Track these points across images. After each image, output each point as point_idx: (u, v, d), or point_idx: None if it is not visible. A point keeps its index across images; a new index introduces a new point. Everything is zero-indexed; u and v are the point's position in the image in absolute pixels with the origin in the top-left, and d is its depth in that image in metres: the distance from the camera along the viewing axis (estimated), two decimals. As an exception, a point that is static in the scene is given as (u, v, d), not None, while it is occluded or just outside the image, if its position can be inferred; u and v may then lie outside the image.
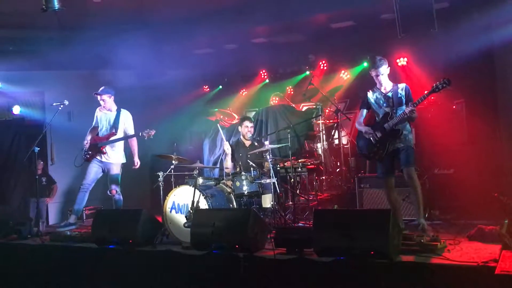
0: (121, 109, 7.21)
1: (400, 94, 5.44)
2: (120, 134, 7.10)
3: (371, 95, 5.65)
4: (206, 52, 9.60)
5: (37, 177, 7.34)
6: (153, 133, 6.87)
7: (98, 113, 7.29)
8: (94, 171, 7.07)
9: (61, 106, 7.04)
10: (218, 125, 7.60)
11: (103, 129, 7.18)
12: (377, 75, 5.48)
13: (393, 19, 6.34)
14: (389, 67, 5.51)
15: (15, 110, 8.73)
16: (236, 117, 9.72)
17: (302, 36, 9.00)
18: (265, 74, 9.99)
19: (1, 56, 8.27)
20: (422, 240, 4.64)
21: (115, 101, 7.26)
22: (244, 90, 10.21)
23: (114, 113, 7.16)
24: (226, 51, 9.51)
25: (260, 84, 10.09)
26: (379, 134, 5.47)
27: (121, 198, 7.06)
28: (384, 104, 5.52)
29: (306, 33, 8.89)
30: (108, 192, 7.08)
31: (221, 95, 10.38)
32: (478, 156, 6.88)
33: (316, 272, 4.49)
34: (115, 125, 7.07)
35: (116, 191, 7.03)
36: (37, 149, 6.94)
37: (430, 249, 4.47)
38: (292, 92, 9.68)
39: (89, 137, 7.18)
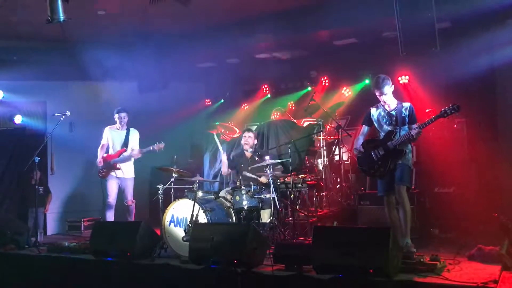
0: (130, 128, 7.55)
1: (404, 113, 5.39)
2: (129, 151, 7.40)
3: (374, 112, 5.60)
4: (209, 66, 9.66)
5: (37, 187, 7.35)
6: (162, 146, 7.17)
7: (109, 131, 7.55)
8: (114, 187, 7.37)
9: (63, 116, 7.06)
10: (215, 135, 7.63)
11: (115, 147, 7.48)
12: (380, 95, 5.43)
13: (395, 37, 6.38)
14: (392, 86, 5.46)
15: (16, 120, 8.75)
16: (237, 131, 9.73)
17: (305, 52, 9.06)
18: (267, 89, 10.02)
19: (4, 66, 8.32)
20: (421, 259, 4.62)
21: None
22: (245, 104, 10.23)
23: (124, 132, 7.51)
24: (229, 65, 9.56)
25: (262, 98, 10.11)
26: (381, 152, 5.41)
27: (134, 207, 7.44)
28: (387, 122, 5.47)
29: (308, 49, 8.95)
30: (125, 203, 7.39)
31: (222, 109, 10.40)
32: (478, 175, 6.88)
33: (315, 289, 4.46)
34: (125, 143, 7.42)
35: (132, 201, 7.39)
36: (37, 159, 6.95)
37: (429, 269, 4.44)
38: (293, 108, 9.70)
39: (100, 155, 7.44)
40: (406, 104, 5.47)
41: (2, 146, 9.11)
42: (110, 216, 7.32)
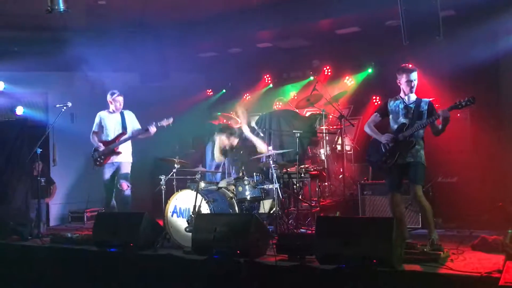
0: (124, 111, 7.22)
1: (423, 108, 5.20)
2: (129, 133, 7.11)
3: (392, 103, 5.40)
4: (211, 56, 9.61)
5: (39, 178, 7.35)
6: (171, 121, 6.85)
7: (104, 115, 7.19)
8: (111, 176, 7.06)
9: (64, 107, 7.04)
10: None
11: (112, 131, 7.11)
12: (410, 81, 5.22)
13: (398, 26, 6.32)
14: (417, 74, 5.31)
15: (18, 111, 8.73)
16: (239, 121, 9.69)
17: (307, 41, 9.00)
18: (269, 78, 9.97)
19: (5, 57, 8.28)
20: (425, 249, 4.62)
21: None
22: (247, 94, 10.20)
23: (119, 115, 7.17)
24: (231, 55, 9.52)
25: (264, 88, 10.08)
26: (390, 144, 5.26)
27: (130, 194, 7.00)
28: (403, 115, 5.29)
29: (311, 39, 8.89)
30: (118, 186, 6.99)
31: (224, 99, 10.37)
32: (482, 164, 6.85)
33: (318, 280, 4.45)
34: (124, 126, 7.10)
35: (127, 185, 6.97)
36: (39, 150, 6.95)
37: (433, 259, 4.44)
38: (296, 97, 9.66)
39: (98, 142, 7.09)
40: (426, 100, 5.29)
41: (4, 138, 9.09)
42: (111, 207, 7.10)
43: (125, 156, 7.09)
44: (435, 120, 5.04)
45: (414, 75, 5.26)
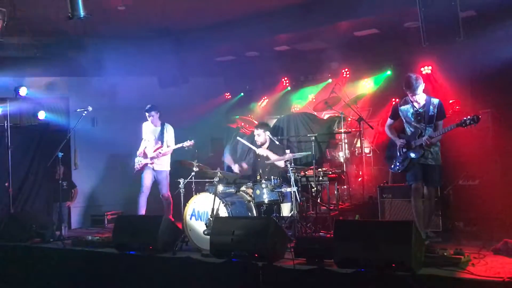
0: (165, 124, 7.70)
1: (432, 112, 5.40)
2: (165, 146, 7.54)
3: (402, 108, 5.64)
4: (228, 60, 9.64)
5: (61, 181, 7.47)
6: (192, 143, 7.21)
7: (145, 127, 7.76)
8: (148, 177, 7.58)
9: (85, 112, 7.17)
10: (238, 134, 7.66)
11: (151, 142, 7.63)
12: (413, 95, 5.46)
13: (417, 27, 6.26)
14: (424, 84, 5.45)
15: (40, 116, 8.89)
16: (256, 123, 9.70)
17: (325, 43, 8.96)
18: (287, 81, 9.95)
19: (27, 62, 8.42)
20: (445, 253, 4.55)
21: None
22: (265, 97, 10.20)
23: (159, 128, 7.65)
24: (248, 59, 9.53)
25: (282, 91, 10.06)
26: (404, 149, 5.61)
27: (169, 197, 7.58)
28: (415, 120, 5.53)
29: (329, 41, 8.83)
30: (161, 196, 7.59)
31: (242, 102, 10.38)
32: (503, 167, 6.71)
33: (336, 284, 4.43)
34: (161, 139, 7.57)
35: (168, 194, 7.56)
36: (61, 154, 7.06)
37: (453, 263, 4.38)
38: (314, 100, 9.62)
39: (140, 150, 7.69)
40: (435, 101, 5.45)
41: (27, 142, 9.27)
42: (142, 202, 7.45)
43: (162, 165, 7.60)
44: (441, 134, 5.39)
45: (416, 92, 5.40)
